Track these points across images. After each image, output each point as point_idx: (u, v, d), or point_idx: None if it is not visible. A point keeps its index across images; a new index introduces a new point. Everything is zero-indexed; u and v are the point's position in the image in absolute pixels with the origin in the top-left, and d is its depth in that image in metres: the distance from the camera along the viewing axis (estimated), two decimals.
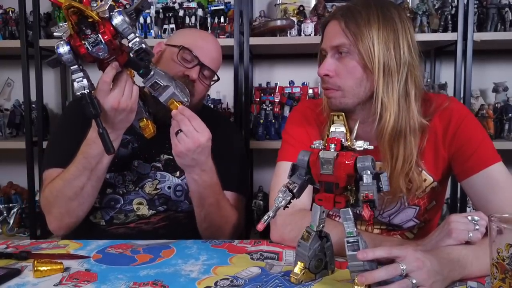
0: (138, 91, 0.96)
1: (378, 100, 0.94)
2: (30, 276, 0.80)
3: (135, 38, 0.87)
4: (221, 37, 1.92)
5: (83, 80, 0.86)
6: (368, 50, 0.92)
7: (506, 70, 2.12)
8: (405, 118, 0.94)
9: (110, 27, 0.84)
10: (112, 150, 0.91)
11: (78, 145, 1.02)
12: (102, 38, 0.83)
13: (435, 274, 0.68)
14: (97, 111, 0.88)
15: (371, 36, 0.92)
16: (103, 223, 1.17)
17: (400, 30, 0.94)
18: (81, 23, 0.83)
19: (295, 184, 0.77)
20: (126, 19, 0.85)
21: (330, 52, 0.97)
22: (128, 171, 1.16)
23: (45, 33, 2.04)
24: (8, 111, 2.18)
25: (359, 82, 0.95)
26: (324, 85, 0.99)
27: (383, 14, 0.94)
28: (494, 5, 1.85)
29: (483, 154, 0.95)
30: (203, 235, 1.15)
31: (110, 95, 0.92)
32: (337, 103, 0.98)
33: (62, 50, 0.85)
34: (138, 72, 0.94)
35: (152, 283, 0.77)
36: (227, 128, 1.34)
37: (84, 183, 1.03)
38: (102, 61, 0.89)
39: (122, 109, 0.93)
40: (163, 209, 1.19)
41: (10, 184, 2.26)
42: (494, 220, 0.65)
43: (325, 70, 0.97)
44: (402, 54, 0.93)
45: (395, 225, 1.07)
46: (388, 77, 0.93)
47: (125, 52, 0.90)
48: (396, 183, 0.96)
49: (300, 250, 0.78)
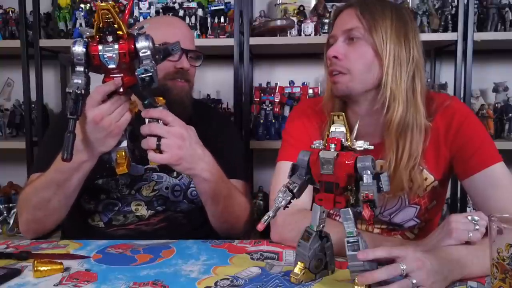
0: (129, 119, 0.89)
1: (387, 88, 0.94)
2: (30, 276, 0.80)
3: (149, 64, 0.84)
4: (221, 37, 1.92)
5: (81, 80, 0.83)
6: (381, 38, 0.94)
7: (506, 70, 2.12)
8: (412, 113, 0.95)
9: (131, 45, 0.83)
10: (68, 157, 0.80)
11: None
12: (118, 48, 0.83)
13: (435, 274, 0.68)
14: (76, 112, 0.81)
15: (385, 26, 0.94)
16: (102, 225, 1.16)
17: (410, 29, 0.97)
18: (108, 30, 0.82)
19: (295, 184, 0.77)
20: (150, 45, 0.84)
21: (342, 37, 0.98)
22: (121, 175, 1.14)
23: (45, 33, 2.04)
24: (8, 111, 2.18)
25: (368, 67, 0.96)
26: (332, 67, 0.99)
27: (397, 11, 0.97)
28: (494, 5, 1.85)
29: (484, 154, 0.95)
30: (221, 230, 1.12)
31: (97, 107, 0.85)
32: (343, 87, 0.98)
33: (77, 48, 0.83)
34: (143, 102, 0.89)
35: (152, 283, 0.77)
36: (220, 119, 1.35)
37: (50, 196, 0.98)
38: (107, 72, 0.86)
39: (102, 127, 0.85)
40: (161, 209, 1.18)
41: (10, 184, 2.26)
42: (494, 220, 0.65)
43: (334, 51, 0.97)
44: (411, 50, 0.96)
45: (396, 224, 1.07)
46: (397, 67, 0.94)
47: (135, 77, 0.86)
48: (399, 179, 0.96)
49: (300, 250, 0.78)
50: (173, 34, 1.14)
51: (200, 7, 1.95)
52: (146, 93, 0.88)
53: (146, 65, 0.83)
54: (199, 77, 2.15)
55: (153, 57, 0.84)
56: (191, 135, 0.94)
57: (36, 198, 1.00)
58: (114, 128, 0.87)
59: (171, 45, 0.90)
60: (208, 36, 1.94)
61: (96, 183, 1.14)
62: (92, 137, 0.88)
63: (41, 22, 2.02)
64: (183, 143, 0.91)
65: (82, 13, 1.96)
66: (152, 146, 0.88)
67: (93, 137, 0.88)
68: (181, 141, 0.90)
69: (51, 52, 2.09)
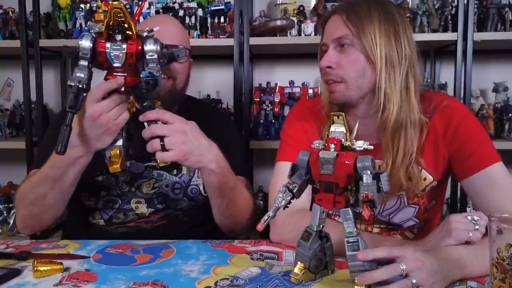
0: (127, 118, 0.89)
1: (381, 91, 0.94)
2: (30, 276, 0.80)
3: (154, 68, 0.84)
4: (221, 37, 1.92)
5: (83, 75, 0.82)
6: (371, 42, 0.93)
7: (506, 70, 2.12)
8: (406, 110, 0.95)
9: (139, 46, 0.83)
10: (62, 150, 0.79)
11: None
12: (126, 48, 0.83)
13: (435, 274, 0.68)
14: (76, 106, 0.81)
15: (373, 28, 0.94)
16: (102, 223, 1.17)
17: (400, 25, 0.96)
18: (118, 28, 0.82)
19: (295, 184, 0.77)
20: (158, 49, 0.84)
21: (332, 45, 0.98)
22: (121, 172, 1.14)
23: (45, 33, 2.04)
24: (8, 111, 2.18)
25: (362, 73, 0.96)
26: (326, 77, 0.99)
27: (384, 9, 0.97)
28: (494, 5, 1.85)
29: (483, 154, 0.95)
30: (225, 226, 1.12)
31: (96, 103, 0.85)
32: (340, 96, 0.98)
33: (84, 42, 0.82)
34: (142, 104, 0.89)
35: (152, 283, 0.77)
36: (220, 119, 1.35)
37: (46, 191, 0.98)
38: (111, 70, 0.86)
39: (100, 123, 0.85)
40: (161, 207, 1.18)
41: (10, 184, 2.26)
42: (494, 220, 0.65)
43: (327, 62, 0.97)
44: (403, 47, 0.95)
45: (395, 224, 1.07)
46: (390, 68, 0.94)
47: (138, 78, 0.86)
48: (397, 176, 0.96)
49: (300, 250, 0.78)
50: (163, 33, 1.12)
51: (200, 7, 1.95)
52: (147, 95, 0.88)
53: (152, 69, 0.83)
54: (199, 77, 2.17)
55: (158, 61, 0.84)
56: (193, 129, 0.93)
57: (32, 194, 1.00)
58: (112, 126, 0.86)
59: (176, 51, 0.89)
60: (208, 36, 1.95)
61: (96, 179, 1.14)
62: (89, 133, 0.88)
63: (41, 22, 2.02)
64: (187, 138, 0.90)
65: (82, 13, 1.96)
66: (156, 147, 0.88)
67: (90, 133, 0.88)
68: (184, 136, 0.90)
69: (51, 52, 2.09)
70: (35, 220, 1.06)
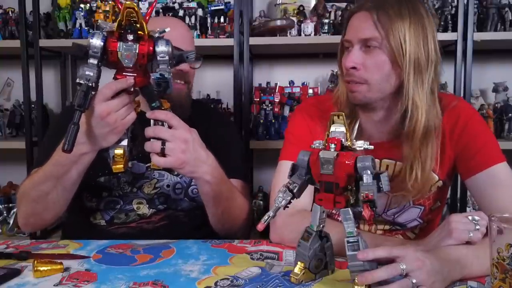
0: (134, 118, 0.89)
1: (409, 98, 0.92)
2: (30, 276, 0.80)
3: (166, 69, 0.84)
4: (221, 37, 1.92)
5: (92, 73, 0.82)
6: (399, 45, 0.90)
7: (506, 70, 2.12)
8: (433, 117, 0.94)
9: (150, 47, 0.83)
10: (69, 148, 0.79)
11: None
12: (138, 49, 0.83)
13: (435, 274, 0.68)
14: (84, 105, 0.81)
15: (403, 31, 0.90)
16: (104, 223, 1.16)
17: (428, 26, 0.93)
18: (130, 28, 0.82)
19: (295, 184, 0.77)
20: (169, 51, 0.84)
21: (358, 45, 0.94)
22: (123, 173, 1.15)
23: (45, 33, 2.04)
24: (8, 111, 2.18)
25: (387, 77, 0.93)
26: (349, 78, 0.96)
27: (414, 9, 0.92)
28: (494, 5, 1.85)
29: (487, 154, 0.95)
30: (220, 231, 1.13)
31: (105, 103, 0.85)
32: (361, 97, 0.96)
33: (95, 40, 0.82)
34: (151, 104, 0.89)
35: (152, 283, 0.77)
36: (220, 119, 1.35)
37: (49, 189, 0.98)
38: (120, 70, 0.86)
39: (107, 122, 0.85)
40: (163, 208, 1.18)
41: (10, 184, 2.26)
42: (495, 220, 0.65)
43: (352, 62, 0.94)
44: (430, 50, 0.92)
45: (399, 224, 1.07)
46: (418, 74, 0.91)
47: (147, 78, 0.86)
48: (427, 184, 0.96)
49: (300, 250, 0.78)
50: (171, 36, 1.13)
51: (200, 7, 1.95)
52: (155, 96, 0.88)
53: (163, 70, 0.84)
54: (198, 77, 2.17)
55: (168, 62, 0.84)
56: (195, 139, 0.93)
57: (35, 191, 1.00)
58: (119, 125, 0.87)
59: (186, 53, 0.90)
60: (208, 36, 1.94)
61: (98, 180, 1.14)
62: (96, 131, 0.88)
63: (41, 22, 2.01)
64: (187, 147, 0.91)
65: (82, 13, 1.96)
66: (156, 149, 0.88)
67: (97, 131, 0.88)
68: (185, 145, 0.90)
69: (51, 52, 2.09)
70: (37, 218, 1.06)
